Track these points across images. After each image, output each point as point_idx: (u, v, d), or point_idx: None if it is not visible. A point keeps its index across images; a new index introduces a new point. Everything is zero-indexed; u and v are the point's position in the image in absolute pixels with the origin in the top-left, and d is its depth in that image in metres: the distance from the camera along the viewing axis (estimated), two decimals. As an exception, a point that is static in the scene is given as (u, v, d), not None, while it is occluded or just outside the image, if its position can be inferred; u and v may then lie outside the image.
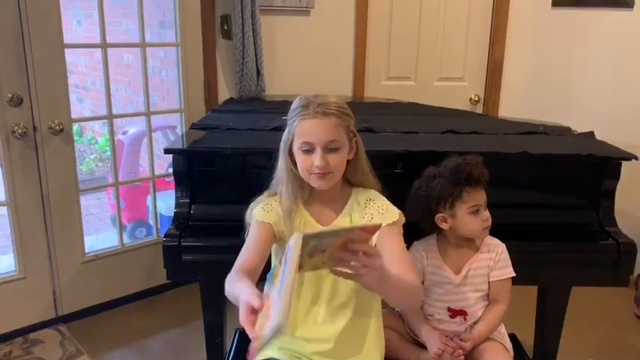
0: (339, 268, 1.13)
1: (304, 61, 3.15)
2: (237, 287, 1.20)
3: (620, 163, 1.86)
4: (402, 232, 1.44)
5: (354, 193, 1.48)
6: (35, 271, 2.50)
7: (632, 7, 2.87)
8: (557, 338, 2.06)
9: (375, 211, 1.43)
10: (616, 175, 1.87)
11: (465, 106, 3.38)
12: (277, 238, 1.44)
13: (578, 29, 3.10)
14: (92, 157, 5.63)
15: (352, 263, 1.11)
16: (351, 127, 1.42)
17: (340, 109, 1.38)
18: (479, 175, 1.56)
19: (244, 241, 1.47)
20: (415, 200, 1.62)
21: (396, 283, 1.23)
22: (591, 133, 2.15)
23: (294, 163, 1.41)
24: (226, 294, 1.28)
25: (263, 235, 1.42)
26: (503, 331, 1.70)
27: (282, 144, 1.43)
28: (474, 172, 1.56)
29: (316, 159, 1.34)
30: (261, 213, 1.45)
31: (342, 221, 1.45)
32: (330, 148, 1.36)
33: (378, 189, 1.49)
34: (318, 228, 1.32)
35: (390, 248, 1.36)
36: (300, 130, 1.36)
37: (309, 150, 1.36)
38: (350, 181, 1.49)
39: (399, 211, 1.44)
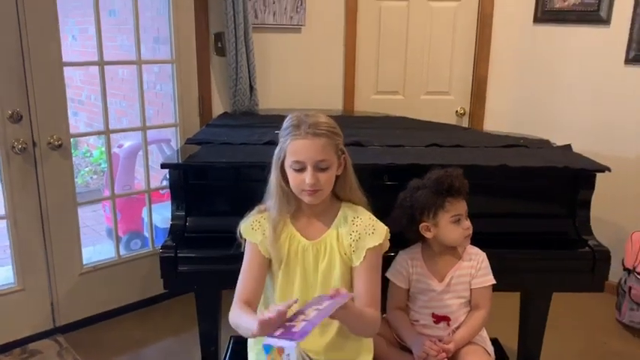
0: None
1: (296, 76, 3.24)
2: (242, 320, 1.37)
3: (595, 175, 1.95)
4: (384, 251, 1.52)
5: (343, 207, 1.54)
6: (33, 282, 2.56)
7: (609, 24, 2.99)
8: (539, 343, 2.14)
9: (362, 230, 1.49)
10: (591, 186, 1.96)
11: (451, 119, 3.47)
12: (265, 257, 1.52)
13: (557, 45, 3.21)
14: (87, 169, 5.69)
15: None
16: (340, 145, 1.48)
17: (330, 129, 1.45)
18: (460, 186, 1.66)
19: (238, 252, 1.56)
20: (400, 210, 1.71)
21: (355, 319, 1.39)
22: (568, 146, 2.25)
23: (285, 178, 1.48)
24: (232, 326, 1.43)
25: (255, 258, 1.52)
26: (485, 336, 1.79)
27: (274, 159, 1.50)
28: (456, 183, 1.65)
29: (307, 177, 1.41)
30: (248, 231, 1.53)
31: (330, 235, 1.51)
32: (320, 167, 1.42)
33: (365, 204, 1.56)
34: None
35: (363, 283, 1.47)
36: (292, 149, 1.43)
37: (300, 168, 1.43)
38: (338, 195, 1.55)
39: (387, 228, 1.51)
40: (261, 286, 1.52)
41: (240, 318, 1.41)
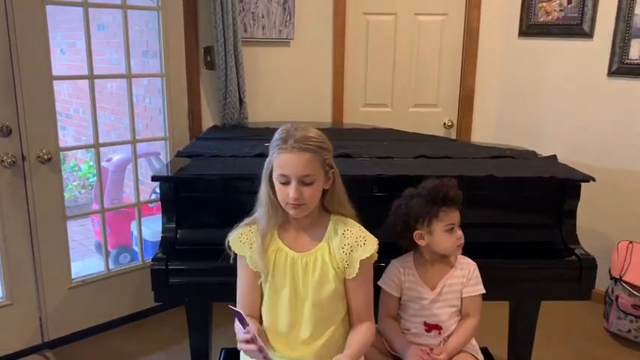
0: None
1: (285, 89, 3.27)
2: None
3: (580, 185, 1.99)
4: (374, 261, 1.54)
5: (332, 220, 1.55)
6: (22, 297, 2.54)
7: (592, 37, 3.06)
8: (529, 352, 2.16)
9: (354, 242, 1.51)
10: (576, 195, 1.99)
11: (440, 131, 3.52)
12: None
13: (542, 58, 3.28)
14: (75, 183, 5.65)
15: None
16: (328, 160, 1.49)
17: (318, 143, 1.45)
18: (454, 196, 1.69)
19: (228, 265, 1.58)
20: (395, 218, 1.74)
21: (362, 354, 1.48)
22: (554, 157, 2.29)
23: (274, 190, 1.49)
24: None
25: (246, 272, 1.56)
26: (474, 344, 1.80)
27: (263, 170, 1.51)
28: (450, 192, 1.68)
29: (291, 191, 1.43)
30: (236, 244, 1.55)
31: (322, 249, 1.52)
32: (304, 182, 1.43)
33: (354, 216, 1.57)
34: None
35: (359, 295, 1.53)
36: (278, 163, 1.44)
37: (285, 182, 1.44)
38: (327, 208, 1.56)
39: (376, 239, 1.53)
40: (256, 299, 1.55)
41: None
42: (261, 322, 1.58)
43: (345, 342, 1.54)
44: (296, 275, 1.51)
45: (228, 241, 1.56)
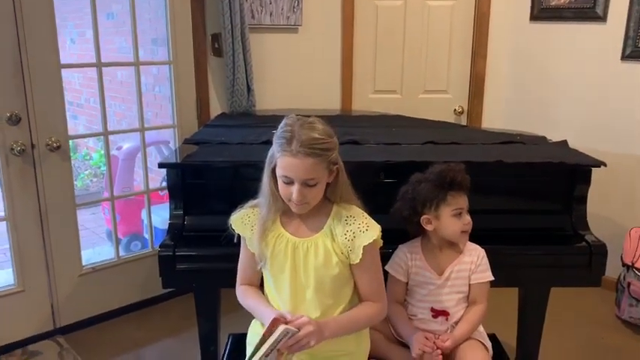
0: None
1: (293, 76, 3.25)
2: (250, 303, 1.56)
3: (590, 170, 1.96)
4: (379, 246, 1.53)
5: (335, 208, 1.53)
6: (33, 284, 2.57)
7: (605, 20, 3.00)
8: (538, 339, 2.14)
9: (356, 228, 1.49)
10: (587, 181, 1.97)
11: (450, 118, 3.48)
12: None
13: (554, 42, 3.23)
14: (87, 172, 5.70)
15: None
16: (333, 158, 1.46)
17: (323, 145, 1.41)
18: (462, 180, 1.67)
19: (236, 251, 1.59)
20: (402, 203, 1.73)
21: (348, 328, 1.51)
22: (564, 142, 2.26)
23: (276, 181, 1.48)
24: (240, 301, 1.58)
25: (247, 251, 1.58)
26: (482, 330, 1.79)
27: (266, 162, 1.50)
28: (458, 177, 1.67)
29: (294, 193, 1.42)
30: (238, 224, 1.56)
31: (324, 237, 1.50)
32: (307, 184, 1.43)
33: (358, 204, 1.54)
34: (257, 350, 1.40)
35: (365, 280, 1.53)
36: (282, 164, 1.43)
37: (289, 182, 1.44)
38: (330, 198, 1.54)
39: (379, 226, 1.51)
40: (256, 273, 1.60)
41: (246, 300, 1.57)
42: None
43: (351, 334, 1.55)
44: (297, 260, 1.50)
45: (231, 220, 1.56)
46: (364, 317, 1.53)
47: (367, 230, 1.48)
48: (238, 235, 1.57)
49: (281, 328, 1.35)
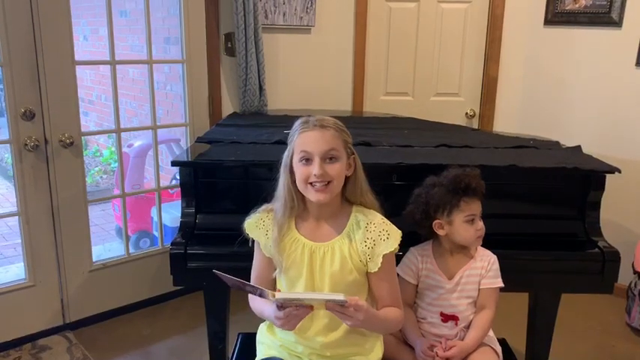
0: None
1: (305, 77, 3.25)
2: (261, 307, 1.48)
3: (604, 176, 1.95)
4: (396, 252, 1.50)
5: (354, 211, 1.51)
6: (44, 279, 2.58)
7: (621, 25, 2.98)
8: (547, 345, 2.13)
9: (377, 236, 1.46)
10: (600, 187, 1.95)
11: (461, 121, 3.48)
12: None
13: (568, 47, 3.21)
14: (97, 169, 5.73)
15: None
16: (349, 143, 1.48)
17: (338, 125, 1.46)
18: (476, 187, 1.66)
19: (246, 250, 1.58)
20: (415, 206, 1.72)
21: (378, 325, 1.46)
22: (578, 147, 2.24)
23: (294, 179, 1.47)
24: (252, 307, 1.53)
25: (261, 256, 1.55)
26: (492, 335, 1.78)
27: (283, 161, 1.49)
28: (472, 183, 1.65)
29: (315, 168, 1.40)
30: (252, 228, 1.54)
31: (342, 242, 1.48)
32: (328, 158, 1.41)
33: (377, 207, 1.52)
34: (294, 294, 1.40)
35: (384, 287, 1.50)
36: (300, 142, 1.43)
37: (307, 159, 1.42)
38: (349, 199, 1.53)
39: (399, 232, 1.48)
40: (271, 278, 1.54)
41: (262, 305, 1.49)
42: None
43: (366, 334, 1.54)
44: (314, 265, 1.48)
45: (245, 225, 1.55)
46: (394, 320, 1.50)
47: (388, 238, 1.46)
48: (252, 239, 1.55)
49: (342, 295, 1.31)
